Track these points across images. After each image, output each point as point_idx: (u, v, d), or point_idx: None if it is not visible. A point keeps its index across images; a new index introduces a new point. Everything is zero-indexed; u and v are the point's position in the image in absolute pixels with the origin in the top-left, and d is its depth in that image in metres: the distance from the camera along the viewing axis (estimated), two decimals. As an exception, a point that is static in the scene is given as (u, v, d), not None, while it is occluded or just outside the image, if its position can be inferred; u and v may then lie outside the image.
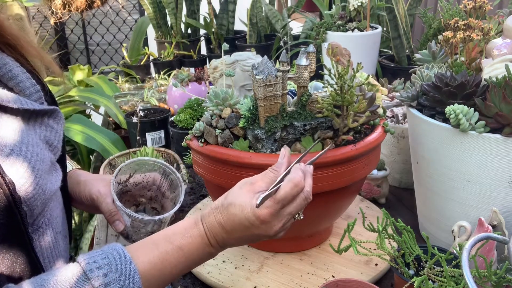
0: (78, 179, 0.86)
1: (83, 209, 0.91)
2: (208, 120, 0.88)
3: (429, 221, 0.99)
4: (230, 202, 0.66)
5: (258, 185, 0.67)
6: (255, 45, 2.24)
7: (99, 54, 3.68)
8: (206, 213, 0.68)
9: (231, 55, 1.06)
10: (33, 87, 0.71)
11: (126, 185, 0.86)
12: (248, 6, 2.29)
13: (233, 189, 0.68)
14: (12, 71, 0.69)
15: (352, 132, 0.87)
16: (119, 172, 0.83)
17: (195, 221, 0.67)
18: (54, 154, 0.71)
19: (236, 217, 0.65)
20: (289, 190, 0.65)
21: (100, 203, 0.81)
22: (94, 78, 2.12)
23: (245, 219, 0.65)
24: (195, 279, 0.92)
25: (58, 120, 0.73)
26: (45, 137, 0.69)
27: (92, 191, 0.83)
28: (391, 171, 1.22)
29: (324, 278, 0.88)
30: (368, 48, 1.69)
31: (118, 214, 0.81)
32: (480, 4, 1.12)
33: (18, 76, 0.70)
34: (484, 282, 0.69)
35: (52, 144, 0.71)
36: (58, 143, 0.72)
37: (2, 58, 0.70)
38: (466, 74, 0.90)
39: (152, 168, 0.87)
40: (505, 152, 0.80)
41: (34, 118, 0.69)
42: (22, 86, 0.70)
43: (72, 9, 0.73)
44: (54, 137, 0.71)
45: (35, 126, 0.69)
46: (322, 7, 2.14)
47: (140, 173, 0.87)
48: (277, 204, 0.65)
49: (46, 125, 0.70)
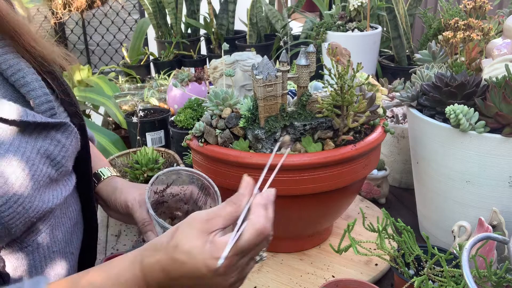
0: (115, 185, 0.83)
1: (118, 218, 0.87)
2: (208, 120, 0.88)
3: (429, 221, 0.99)
4: (176, 245, 0.54)
5: (214, 223, 0.55)
6: (255, 45, 2.24)
7: (99, 54, 3.68)
8: (148, 253, 0.57)
9: (231, 55, 1.06)
10: (45, 97, 0.68)
11: (163, 195, 0.80)
12: (248, 6, 2.29)
13: (182, 224, 0.56)
14: (25, 78, 0.67)
15: (352, 132, 0.87)
16: (156, 181, 0.77)
17: (132, 263, 0.57)
18: (56, 170, 0.66)
19: (184, 266, 0.54)
20: (252, 238, 0.53)
21: (135, 212, 0.78)
22: (94, 78, 2.11)
23: (195, 269, 0.53)
24: (195, 279, 0.92)
25: (68, 135, 0.69)
26: (46, 151, 0.65)
27: (128, 198, 0.79)
28: (391, 171, 1.22)
29: (324, 278, 0.88)
30: (368, 48, 1.68)
31: (151, 225, 0.76)
32: (480, 4, 1.13)
33: (31, 84, 0.67)
34: (484, 282, 0.69)
35: (55, 160, 0.66)
36: (62, 158, 0.67)
37: (18, 64, 0.68)
38: (466, 74, 0.90)
39: (190, 180, 0.80)
40: (505, 152, 0.80)
41: (39, 130, 0.65)
42: (33, 94, 0.67)
43: (72, 9, 0.72)
44: (59, 152, 0.67)
45: (38, 139, 0.65)
46: (322, 7, 2.14)
47: (177, 184, 0.80)
48: (236, 256, 0.54)
49: (51, 139, 0.66)
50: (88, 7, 0.78)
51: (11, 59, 0.67)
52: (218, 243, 0.53)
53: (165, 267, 0.55)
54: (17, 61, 0.68)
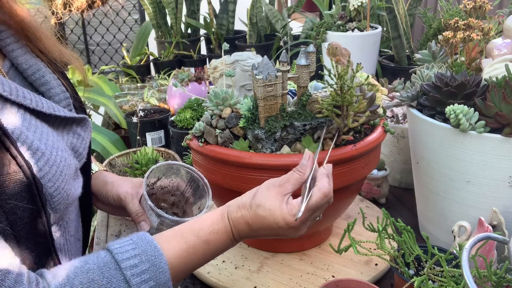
0: (105, 179, 0.88)
1: (108, 211, 0.92)
2: (208, 120, 0.88)
3: (429, 221, 0.99)
4: (259, 204, 0.67)
5: (286, 187, 0.68)
6: (255, 45, 2.24)
7: (99, 54, 3.68)
8: (233, 209, 0.68)
9: (231, 55, 1.06)
10: (63, 94, 0.73)
11: (153, 187, 0.86)
12: (248, 6, 2.29)
13: (261, 189, 0.69)
14: (44, 77, 0.72)
15: (352, 132, 0.87)
16: (150, 175, 0.83)
17: (222, 216, 0.68)
18: (79, 161, 0.73)
19: (265, 220, 0.67)
20: (320, 200, 0.67)
21: (127, 203, 0.83)
22: (94, 78, 2.11)
23: (274, 223, 0.66)
24: (195, 279, 0.92)
25: (86, 128, 0.75)
26: (71, 144, 0.71)
27: (120, 191, 0.84)
28: (391, 171, 1.22)
29: (324, 278, 0.88)
30: (368, 48, 1.68)
31: (144, 215, 0.82)
32: (480, 4, 1.12)
33: (50, 82, 0.72)
34: (484, 282, 0.69)
35: (78, 151, 0.72)
36: (83, 150, 0.74)
37: (37, 64, 0.72)
38: (466, 74, 0.90)
39: (180, 173, 0.86)
40: (505, 152, 0.80)
41: (64, 125, 0.71)
42: (52, 92, 0.72)
43: (72, 9, 0.72)
44: (80, 144, 0.73)
45: (64, 133, 0.71)
46: (322, 7, 2.14)
47: (167, 177, 0.87)
48: (308, 212, 0.67)
49: (74, 133, 0.72)
50: (88, 7, 0.77)
51: (30, 59, 0.72)
52: (293, 204, 0.67)
53: (248, 221, 0.67)
54: (35, 61, 0.73)
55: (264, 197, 0.67)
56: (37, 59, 0.73)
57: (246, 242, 0.98)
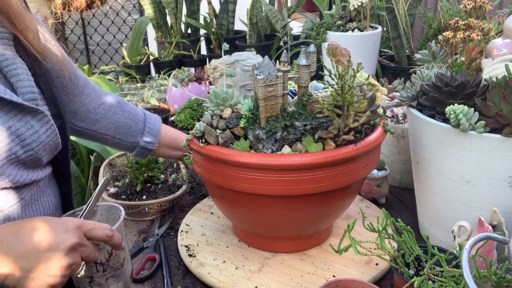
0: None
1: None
2: (209, 120, 0.88)
3: (429, 221, 0.99)
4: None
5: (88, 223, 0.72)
6: (255, 45, 2.24)
7: (99, 54, 3.68)
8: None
9: (231, 55, 1.06)
10: (30, 88, 0.79)
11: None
12: (248, 6, 2.30)
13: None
14: (16, 70, 0.78)
15: (353, 132, 0.87)
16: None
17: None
18: (25, 151, 0.76)
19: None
20: (98, 226, 0.70)
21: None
22: (94, 78, 2.11)
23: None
24: (195, 279, 0.92)
25: (44, 124, 0.79)
26: (17, 131, 0.75)
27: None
28: (391, 171, 1.22)
29: (325, 278, 0.88)
30: (368, 48, 1.69)
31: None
32: (480, 4, 1.12)
33: (20, 75, 0.78)
34: (484, 282, 0.69)
35: (25, 141, 0.76)
36: (33, 142, 0.77)
37: (14, 59, 0.79)
38: (466, 74, 0.90)
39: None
40: (505, 152, 0.80)
41: (15, 112, 0.75)
42: (20, 84, 0.78)
43: (72, 9, 0.72)
44: (30, 135, 0.76)
45: (12, 118, 0.74)
46: (322, 7, 2.14)
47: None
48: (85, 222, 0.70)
49: (25, 122, 0.76)
50: (87, 7, 0.77)
51: (9, 53, 0.78)
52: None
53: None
54: (13, 56, 0.79)
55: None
56: (17, 58, 0.79)
57: (246, 242, 0.99)
